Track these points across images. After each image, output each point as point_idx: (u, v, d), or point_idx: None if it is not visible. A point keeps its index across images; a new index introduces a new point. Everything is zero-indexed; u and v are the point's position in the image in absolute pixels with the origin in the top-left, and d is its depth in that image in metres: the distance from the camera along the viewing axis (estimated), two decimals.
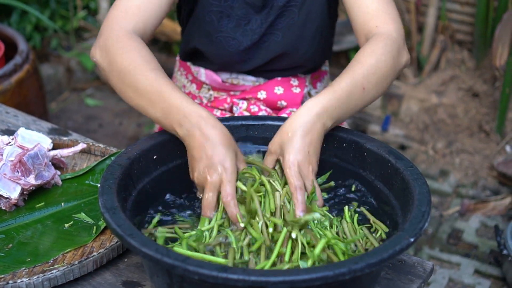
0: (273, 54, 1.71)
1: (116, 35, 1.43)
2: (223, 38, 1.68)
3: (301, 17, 1.67)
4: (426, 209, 1.16)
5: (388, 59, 1.42)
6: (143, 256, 1.05)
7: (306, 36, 1.69)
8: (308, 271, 0.99)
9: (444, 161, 3.15)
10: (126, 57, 1.37)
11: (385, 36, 1.45)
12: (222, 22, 1.67)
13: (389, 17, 1.50)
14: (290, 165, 1.28)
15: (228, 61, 1.73)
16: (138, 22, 1.48)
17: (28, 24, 3.53)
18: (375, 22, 1.50)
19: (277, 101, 1.77)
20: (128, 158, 1.28)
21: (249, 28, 1.68)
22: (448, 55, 3.48)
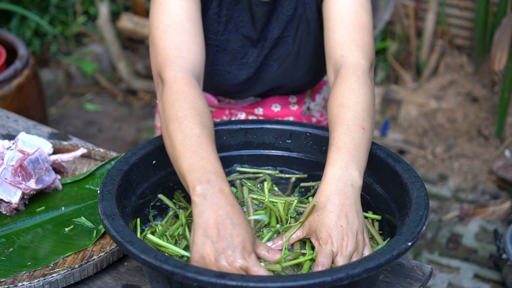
0: (269, 86, 1.69)
1: (173, 77, 1.35)
2: (218, 72, 1.64)
3: (295, 47, 1.63)
4: (424, 212, 1.16)
5: (366, 90, 1.37)
6: (142, 263, 1.05)
7: (301, 65, 1.66)
8: (306, 277, 1.00)
9: (443, 165, 3.15)
10: (178, 104, 1.29)
11: (353, 68, 1.40)
12: (218, 56, 1.63)
13: (354, 44, 1.44)
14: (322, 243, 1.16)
15: (223, 92, 1.71)
16: (194, 60, 1.40)
17: (27, 29, 3.54)
18: (341, 51, 1.44)
19: (274, 117, 1.76)
20: (127, 163, 1.29)
21: (245, 61, 1.64)
22: (447, 60, 3.49)
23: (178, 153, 1.22)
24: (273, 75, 1.66)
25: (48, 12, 3.67)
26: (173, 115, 1.27)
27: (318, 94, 1.84)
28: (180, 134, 1.24)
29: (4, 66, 2.81)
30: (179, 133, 1.24)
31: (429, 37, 3.47)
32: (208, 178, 1.16)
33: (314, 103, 1.84)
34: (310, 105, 1.83)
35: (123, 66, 3.68)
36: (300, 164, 1.44)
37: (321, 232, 1.16)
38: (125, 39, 3.89)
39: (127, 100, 3.68)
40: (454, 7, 3.47)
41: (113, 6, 3.90)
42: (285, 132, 1.44)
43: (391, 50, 3.50)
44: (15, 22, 3.52)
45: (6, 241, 1.37)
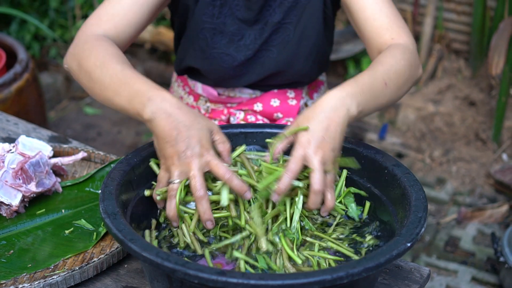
0: (268, 71, 1.71)
1: (84, 38, 1.45)
2: (217, 54, 1.68)
3: (296, 34, 1.67)
4: (422, 214, 1.18)
5: (407, 65, 1.44)
6: (144, 260, 1.06)
7: (302, 53, 1.69)
8: (307, 275, 1.01)
9: (441, 169, 3.17)
10: (93, 55, 1.38)
11: (402, 46, 1.48)
12: (215, 39, 1.67)
13: (403, 31, 1.53)
14: (297, 147, 1.24)
15: (222, 76, 1.73)
16: (111, 28, 1.49)
17: (27, 33, 3.55)
18: (390, 35, 1.52)
19: (273, 113, 1.78)
20: (128, 164, 1.30)
21: (242, 43, 1.68)
22: (445, 64, 3.51)
23: (112, 92, 1.31)
24: (272, 60, 1.69)
25: (48, 16, 3.68)
26: (92, 66, 1.36)
27: (316, 93, 1.86)
28: (106, 77, 1.33)
29: (4, 70, 2.82)
30: (104, 77, 1.33)
31: (426, 41, 3.48)
32: (147, 96, 1.25)
33: (311, 100, 1.85)
34: (308, 102, 1.84)
35: None
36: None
37: (303, 136, 1.24)
38: None
39: None
40: (451, 12, 3.48)
41: None
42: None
43: None
44: (15, 26, 3.53)
45: (6, 243, 1.37)
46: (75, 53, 1.43)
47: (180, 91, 1.88)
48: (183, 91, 1.87)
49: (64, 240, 1.38)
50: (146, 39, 3.72)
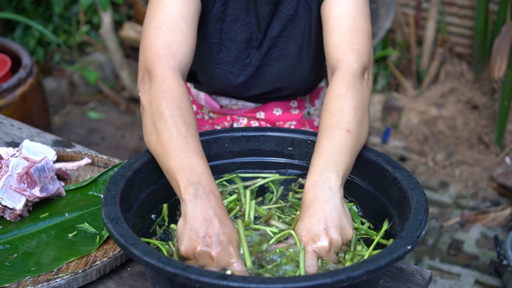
0: (270, 86, 1.69)
1: (163, 75, 1.38)
2: (220, 71, 1.66)
3: (296, 48, 1.64)
4: (423, 217, 1.18)
5: (354, 93, 1.38)
6: (146, 265, 1.07)
7: (303, 66, 1.66)
8: (307, 279, 1.01)
9: (444, 172, 3.17)
10: (165, 103, 1.32)
11: (343, 72, 1.42)
12: (221, 55, 1.64)
13: (350, 48, 1.46)
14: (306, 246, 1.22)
15: (223, 92, 1.72)
16: (182, 61, 1.43)
17: (31, 38, 3.57)
18: (337, 55, 1.46)
19: (275, 121, 1.78)
20: (130, 169, 1.30)
21: (248, 62, 1.65)
22: (447, 68, 3.51)
23: (166, 151, 1.26)
24: (274, 75, 1.67)
25: (52, 21, 3.70)
26: (160, 112, 1.31)
27: (317, 99, 1.86)
28: (167, 132, 1.28)
29: (9, 75, 2.84)
30: (165, 131, 1.28)
31: (429, 45, 3.49)
32: (198, 179, 1.21)
33: (313, 108, 1.85)
34: (310, 110, 1.84)
35: (126, 75, 3.70)
36: (301, 171, 1.45)
37: (302, 236, 1.22)
38: (128, 48, 3.91)
39: (129, 108, 3.70)
40: (454, 16, 3.49)
41: (116, 15, 3.93)
42: (286, 139, 1.46)
43: (391, 58, 3.52)
44: (19, 32, 3.54)
45: (10, 247, 1.38)
46: (151, 88, 1.37)
47: None
48: None
49: (68, 244, 1.39)
50: None
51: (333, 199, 1.24)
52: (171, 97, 1.33)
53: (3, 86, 2.68)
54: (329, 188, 1.25)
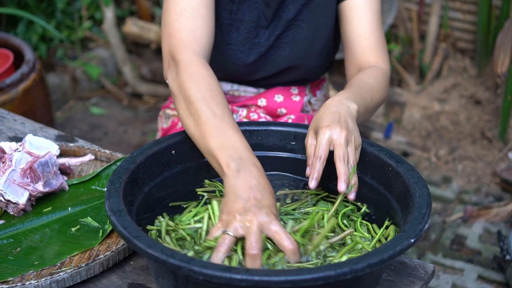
0: (280, 68, 1.73)
1: (189, 59, 1.42)
2: (231, 51, 1.69)
3: (309, 32, 1.69)
4: (426, 211, 1.18)
5: (383, 88, 1.58)
6: (149, 257, 1.07)
7: (314, 51, 1.72)
8: (310, 271, 1.01)
9: (447, 167, 3.16)
10: (196, 86, 1.36)
11: (383, 72, 1.61)
12: (231, 35, 1.68)
13: (386, 57, 1.65)
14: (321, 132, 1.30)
15: (234, 72, 1.75)
16: (205, 45, 1.48)
17: (34, 34, 3.57)
18: (375, 58, 1.63)
19: (277, 108, 1.80)
20: (134, 162, 1.31)
21: (257, 41, 1.69)
22: (450, 63, 3.50)
23: (205, 132, 1.29)
24: (285, 58, 1.71)
25: (54, 17, 3.70)
26: (192, 95, 1.35)
27: (319, 90, 1.88)
28: (203, 114, 1.31)
29: (12, 70, 2.84)
30: (202, 113, 1.32)
31: (432, 40, 3.48)
32: (240, 155, 1.24)
33: (315, 98, 1.87)
34: (312, 100, 1.86)
35: (128, 70, 3.70)
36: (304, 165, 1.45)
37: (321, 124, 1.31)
38: (130, 43, 3.91)
39: (132, 104, 3.70)
40: (457, 11, 3.48)
41: (119, 11, 3.92)
42: (289, 134, 1.46)
43: (394, 53, 3.52)
44: (22, 27, 3.54)
45: (13, 241, 1.39)
46: (178, 74, 1.41)
47: None
48: None
49: (71, 238, 1.39)
50: (152, 39, 3.73)
51: (349, 114, 1.35)
52: (200, 79, 1.37)
53: (6, 82, 2.68)
54: (348, 108, 1.36)
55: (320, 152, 1.29)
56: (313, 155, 1.31)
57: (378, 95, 1.54)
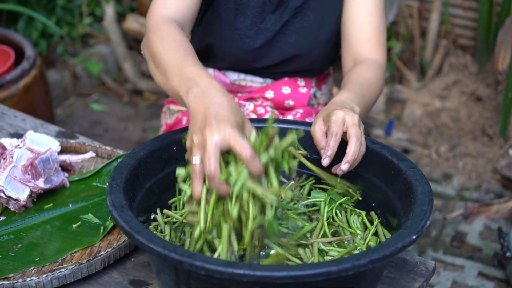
0: (286, 55, 1.75)
1: (154, 22, 1.47)
2: (238, 36, 1.71)
3: (316, 20, 1.71)
4: (428, 208, 1.18)
5: (380, 83, 1.60)
6: (151, 252, 1.07)
7: (320, 40, 1.73)
8: (312, 267, 1.01)
9: (447, 164, 3.16)
10: (158, 40, 1.39)
11: (378, 64, 1.63)
12: (237, 20, 1.70)
13: (381, 47, 1.66)
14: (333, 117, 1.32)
15: (241, 58, 1.76)
16: (177, 10, 1.51)
17: (34, 30, 3.57)
18: (369, 48, 1.65)
19: (284, 100, 1.80)
20: (135, 158, 1.31)
21: (263, 26, 1.71)
22: (451, 60, 3.50)
23: (167, 75, 1.31)
24: (291, 45, 1.73)
25: (55, 13, 3.69)
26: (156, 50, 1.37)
27: (324, 85, 1.89)
28: (165, 61, 1.33)
29: (12, 66, 2.84)
30: (164, 61, 1.33)
31: (433, 37, 3.48)
32: (196, 82, 1.23)
33: (320, 92, 1.88)
34: (317, 93, 1.87)
35: (129, 67, 3.70)
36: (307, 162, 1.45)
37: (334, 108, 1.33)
38: (131, 39, 3.91)
39: (133, 100, 3.70)
40: (458, 7, 3.48)
41: (119, 7, 3.92)
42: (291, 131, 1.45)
43: (395, 50, 3.51)
44: (22, 23, 3.54)
45: (14, 237, 1.39)
46: (146, 39, 1.45)
47: None
48: None
49: (72, 234, 1.39)
50: None
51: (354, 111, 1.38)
52: (164, 34, 1.40)
53: (6, 78, 2.68)
54: (353, 109, 1.39)
55: (336, 130, 1.30)
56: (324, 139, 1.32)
57: (376, 92, 1.56)
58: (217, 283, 1.07)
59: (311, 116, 1.81)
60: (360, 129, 1.32)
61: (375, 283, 1.21)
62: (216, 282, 1.07)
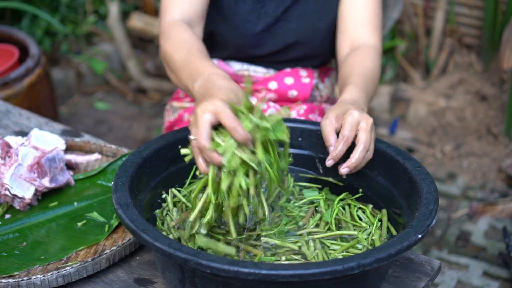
0: (288, 41, 1.76)
1: (163, 27, 1.57)
2: (239, 21, 1.74)
3: (316, 7, 1.74)
4: (433, 207, 1.18)
5: (379, 69, 1.62)
6: (156, 251, 1.07)
7: (321, 27, 1.75)
8: (318, 265, 1.01)
9: (452, 164, 3.16)
10: (168, 43, 1.50)
11: (374, 48, 1.65)
12: (238, 5, 1.73)
13: (377, 31, 1.68)
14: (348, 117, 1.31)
15: (243, 44, 1.78)
16: (184, 11, 1.60)
17: (38, 28, 3.57)
18: (364, 33, 1.67)
19: (287, 90, 1.82)
20: (140, 156, 1.31)
21: (264, 11, 1.74)
22: (456, 59, 3.49)
23: (180, 75, 1.43)
24: (292, 31, 1.76)
25: (59, 11, 3.70)
26: (169, 56, 1.49)
27: (327, 78, 1.92)
28: (178, 63, 1.44)
29: (16, 64, 2.84)
30: (176, 63, 1.45)
31: (438, 36, 3.47)
32: (199, 73, 1.34)
33: (323, 84, 1.90)
34: (320, 85, 1.88)
35: (133, 65, 3.70)
36: (310, 161, 1.45)
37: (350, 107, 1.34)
38: (135, 38, 3.91)
39: (137, 99, 3.70)
40: (463, 6, 3.47)
41: (123, 5, 3.92)
42: (295, 130, 1.46)
43: (400, 48, 3.51)
44: (26, 21, 3.54)
45: (19, 235, 1.39)
46: (161, 44, 1.55)
47: None
48: None
49: (77, 233, 1.39)
50: (156, 34, 3.73)
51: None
52: (171, 38, 1.51)
53: (10, 76, 2.68)
54: (362, 109, 1.39)
55: (348, 134, 1.30)
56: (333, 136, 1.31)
57: (376, 81, 1.58)
58: (222, 282, 1.07)
59: (314, 112, 1.81)
60: (371, 134, 1.31)
61: (380, 282, 1.20)
62: (222, 280, 1.07)
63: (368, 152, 1.31)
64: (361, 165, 1.31)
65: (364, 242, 1.24)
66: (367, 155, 1.31)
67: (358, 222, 1.30)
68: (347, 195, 1.37)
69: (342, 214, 1.33)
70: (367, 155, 1.31)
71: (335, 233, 1.27)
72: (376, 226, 1.28)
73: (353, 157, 1.29)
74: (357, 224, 1.30)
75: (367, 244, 1.24)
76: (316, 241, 1.25)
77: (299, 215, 1.33)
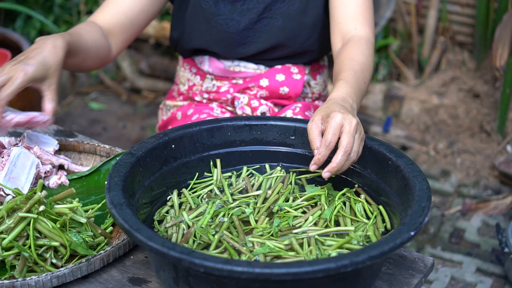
0: (274, 40, 1.78)
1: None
2: (222, 21, 1.76)
3: (302, 4, 1.75)
4: (426, 204, 1.19)
5: (371, 60, 1.61)
6: (150, 250, 1.07)
7: (307, 24, 1.77)
8: (311, 263, 1.02)
9: (445, 161, 3.17)
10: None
11: (365, 39, 1.64)
12: (219, 6, 1.75)
13: (366, 22, 1.68)
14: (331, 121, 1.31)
15: (230, 44, 1.78)
16: (107, 13, 1.72)
17: (32, 29, 3.56)
18: (354, 24, 1.67)
19: (279, 87, 1.82)
20: (134, 156, 1.31)
21: (245, 7, 1.75)
22: (449, 57, 3.50)
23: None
24: (278, 29, 1.77)
25: (53, 12, 3.69)
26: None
27: (319, 75, 1.92)
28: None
29: None
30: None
31: (430, 34, 3.48)
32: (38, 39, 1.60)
33: (314, 81, 1.91)
34: (311, 82, 1.88)
35: (127, 65, 3.70)
36: (303, 160, 1.46)
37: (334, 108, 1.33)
38: None
39: (131, 99, 3.70)
40: (455, 4, 3.48)
41: None
42: (289, 128, 1.46)
43: (393, 47, 3.52)
44: (20, 22, 3.54)
45: None
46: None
47: (187, 74, 1.92)
48: (189, 73, 1.91)
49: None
50: (150, 34, 3.73)
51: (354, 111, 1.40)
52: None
53: None
54: (351, 107, 1.40)
55: (330, 138, 1.30)
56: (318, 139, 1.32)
57: (368, 74, 1.58)
58: (216, 280, 1.08)
59: (310, 110, 1.82)
60: (355, 136, 1.31)
61: (373, 279, 1.21)
62: (215, 279, 1.07)
63: (352, 154, 1.31)
64: (344, 168, 1.31)
65: (356, 238, 1.24)
66: (351, 156, 1.31)
67: (359, 218, 1.30)
68: (348, 191, 1.37)
69: (342, 209, 1.33)
70: (350, 157, 1.31)
71: (331, 230, 1.27)
72: (372, 222, 1.29)
73: (334, 161, 1.29)
74: (355, 219, 1.31)
75: (362, 240, 1.25)
76: (311, 238, 1.25)
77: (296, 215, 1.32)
